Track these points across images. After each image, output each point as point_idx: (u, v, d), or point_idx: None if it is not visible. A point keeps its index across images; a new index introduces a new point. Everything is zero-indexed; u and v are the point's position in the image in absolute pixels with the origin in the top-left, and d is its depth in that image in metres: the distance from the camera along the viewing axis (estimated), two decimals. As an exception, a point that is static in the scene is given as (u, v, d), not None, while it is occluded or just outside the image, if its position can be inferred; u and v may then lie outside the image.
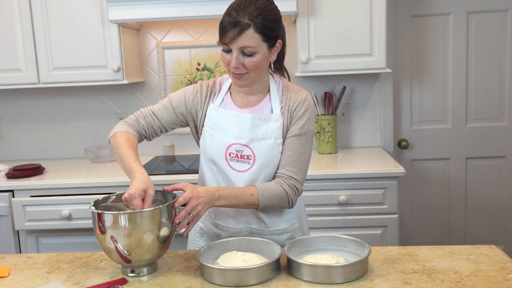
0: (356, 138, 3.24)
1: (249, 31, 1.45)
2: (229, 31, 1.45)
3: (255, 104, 1.63)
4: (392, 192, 2.60)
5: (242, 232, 1.66)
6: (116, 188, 2.63)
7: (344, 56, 2.79)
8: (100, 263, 1.55)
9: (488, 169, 3.30)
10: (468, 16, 3.16)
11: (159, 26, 3.18)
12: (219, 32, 1.50)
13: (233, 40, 1.45)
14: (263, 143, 1.58)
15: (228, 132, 1.60)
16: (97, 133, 3.30)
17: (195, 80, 3.22)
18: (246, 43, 1.46)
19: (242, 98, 1.64)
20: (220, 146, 1.61)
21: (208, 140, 1.64)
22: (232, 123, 1.60)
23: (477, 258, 1.46)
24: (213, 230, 1.70)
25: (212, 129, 1.63)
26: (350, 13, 2.75)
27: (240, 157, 1.59)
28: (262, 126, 1.59)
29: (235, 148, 1.59)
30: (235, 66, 1.49)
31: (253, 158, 1.58)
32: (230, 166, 1.60)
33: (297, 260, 1.37)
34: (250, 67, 1.50)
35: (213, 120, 1.63)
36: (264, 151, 1.58)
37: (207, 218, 1.72)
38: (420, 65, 3.23)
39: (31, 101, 3.29)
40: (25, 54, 2.85)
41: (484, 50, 3.19)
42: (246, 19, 1.44)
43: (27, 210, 2.62)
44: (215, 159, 1.62)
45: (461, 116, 3.26)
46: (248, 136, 1.58)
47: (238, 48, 1.47)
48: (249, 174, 1.59)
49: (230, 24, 1.44)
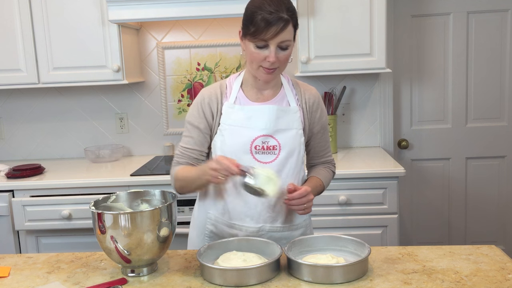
0: (356, 138, 3.24)
1: (289, 26, 1.51)
2: (272, 27, 1.48)
3: (270, 98, 1.68)
4: (392, 192, 2.60)
5: (259, 232, 1.66)
6: (116, 188, 2.64)
7: (344, 56, 2.79)
8: (100, 263, 1.55)
9: (488, 169, 3.30)
10: (468, 16, 3.16)
11: (159, 26, 3.18)
12: (257, 29, 1.50)
13: (276, 35, 1.49)
14: (287, 133, 1.64)
15: (253, 126, 1.63)
16: (97, 133, 3.30)
17: (195, 80, 3.22)
18: (286, 37, 1.51)
19: (257, 93, 1.68)
20: (244, 141, 1.63)
21: (227, 137, 1.64)
22: (255, 116, 1.64)
23: (477, 258, 1.46)
24: (228, 231, 1.68)
25: (232, 126, 1.64)
26: (350, 13, 2.75)
27: (266, 149, 1.63)
28: (284, 117, 1.65)
29: (261, 140, 1.63)
30: (274, 61, 1.53)
31: (278, 148, 1.63)
32: (256, 159, 1.63)
33: (297, 260, 1.37)
34: (283, 60, 1.56)
35: (232, 117, 1.65)
36: (288, 141, 1.64)
37: (220, 220, 1.70)
38: (420, 65, 3.23)
39: (31, 101, 3.29)
40: (25, 54, 2.85)
41: (484, 50, 3.19)
42: (285, 14, 1.49)
43: (27, 210, 2.62)
44: (239, 155, 1.62)
45: (461, 116, 3.26)
46: (273, 127, 1.63)
47: (277, 43, 1.51)
48: (275, 164, 1.63)
49: (274, 20, 1.48)
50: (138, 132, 3.30)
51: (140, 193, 1.59)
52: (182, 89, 3.23)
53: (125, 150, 3.29)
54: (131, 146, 3.32)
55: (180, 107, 3.25)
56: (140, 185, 2.64)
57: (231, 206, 1.66)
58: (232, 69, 3.19)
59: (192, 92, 3.23)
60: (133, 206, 1.57)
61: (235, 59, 3.18)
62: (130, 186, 2.65)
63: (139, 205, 1.58)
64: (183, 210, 2.63)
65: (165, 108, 3.25)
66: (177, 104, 3.25)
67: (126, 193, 1.58)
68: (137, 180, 2.66)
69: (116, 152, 3.15)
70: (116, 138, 3.31)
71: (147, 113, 3.27)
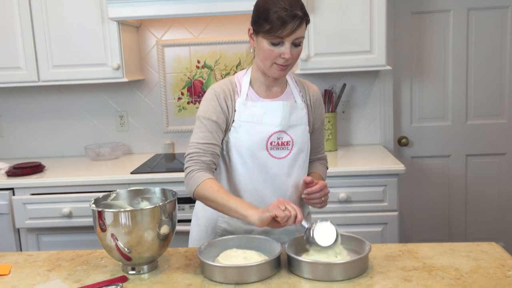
0: (356, 135, 3.24)
1: (303, 23, 1.55)
2: (289, 24, 1.50)
3: (279, 94, 1.70)
4: (392, 190, 2.60)
5: None
6: (116, 186, 2.64)
7: (344, 54, 2.79)
8: (100, 261, 1.55)
9: (488, 166, 3.30)
10: (468, 12, 3.16)
11: (159, 24, 3.18)
12: (271, 26, 1.50)
13: (292, 32, 1.52)
14: (297, 129, 1.68)
15: (268, 122, 1.65)
16: (97, 131, 3.30)
17: (195, 78, 3.21)
18: (301, 34, 1.55)
19: (266, 90, 1.69)
20: (261, 137, 1.64)
21: (243, 134, 1.64)
22: (268, 112, 1.65)
23: (477, 255, 1.46)
24: (244, 227, 1.68)
25: (247, 122, 1.64)
26: (350, 10, 2.75)
27: (280, 144, 1.66)
28: (294, 113, 1.69)
29: (276, 136, 1.65)
30: (289, 58, 1.55)
31: (291, 144, 1.67)
32: (271, 154, 1.65)
33: (297, 258, 1.37)
34: (296, 56, 1.59)
35: (246, 113, 1.65)
36: (299, 136, 1.69)
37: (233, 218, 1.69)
38: (420, 62, 3.22)
39: (31, 98, 3.29)
40: (25, 52, 2.85)
41: (484, 47, 3.19)
42: (300, 12, 1.52)
43: (27, 208, 2.62)
44: (255, 151, 1.64)
45: (461, 113, 3.26)
46: (287, 123, 1.66)
47: (292, 40, 1.53)
48: (288, 159, 1.67)
49: (290, 18, 1.50)
50: (138, 130, 3.30)
51: (140, 191, 1.59)
52: (182, 86, 3.23)
53: (125, 148, 3.29)
54: (131, 144, 3.32)
55: (180, 105, 3.25)
56: (141, 183, 2.64)
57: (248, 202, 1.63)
58: (232, 66, 3.18)
59: (192, 89, 3.23)
60: (133, 204, 1.57)
61: (235, 57, 3.18)
62: (130, 184, 2.65)
63: (139, 203, 1.58)
64: (183, 208, 2.63)
65: (165, 106, 3.25)
66: (177, 101, 3.25)
67: (126, 191, 1.58)
68: (137, 178, 2.66)
69: (116, 150, 3.15)
70: (116, 136, 3.31)
71: (147, 111, 3.27)
